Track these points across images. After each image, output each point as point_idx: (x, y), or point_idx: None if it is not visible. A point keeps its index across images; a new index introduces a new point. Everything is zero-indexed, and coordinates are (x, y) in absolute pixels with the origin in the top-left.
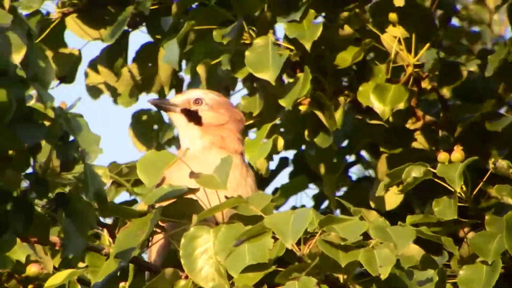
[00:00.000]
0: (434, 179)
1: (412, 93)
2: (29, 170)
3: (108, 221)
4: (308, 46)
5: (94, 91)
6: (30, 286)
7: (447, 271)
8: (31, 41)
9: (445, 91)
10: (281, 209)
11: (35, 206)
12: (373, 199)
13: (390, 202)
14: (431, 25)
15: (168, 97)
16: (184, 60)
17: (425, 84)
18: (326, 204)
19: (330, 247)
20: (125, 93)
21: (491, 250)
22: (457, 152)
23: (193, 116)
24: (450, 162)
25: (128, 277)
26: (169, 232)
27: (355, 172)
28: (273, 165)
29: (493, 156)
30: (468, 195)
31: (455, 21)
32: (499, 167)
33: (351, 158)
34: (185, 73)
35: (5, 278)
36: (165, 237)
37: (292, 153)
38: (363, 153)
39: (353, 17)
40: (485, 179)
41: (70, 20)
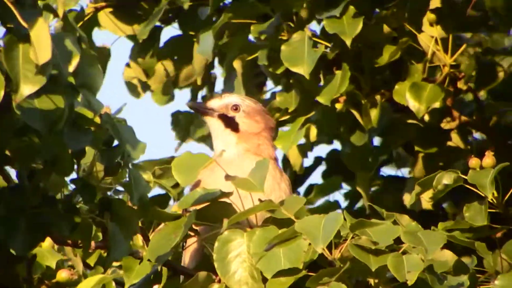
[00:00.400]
0: (465, 185)
1: (448, 93)
2: (74, 175)
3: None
4: (349, 42)
5: (134, 89)
6: None
7: (481, 277)
8: (82, 48)
9: (481, 92)
10: (315, 204)
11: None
12: (407, 198)
13: (424, 202)
14: (468, 26)
15: (199, 95)
16: (217, 57)
17: (461, 85)
18: (359, 203)
19: (361, 251)
20: (158, 90)
21: None
22: (488, 158)
23: (230, 123)
24: (481, 168)
25: (162, 280)
26: (203, 236)
27: (386, 172)
28: (307, 164)
29: None
30: (500, 201)
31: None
32: None
33: (385, 157)
34: (220, 68)
35: (36, 284)
36: (199, 241)
37: (325, 151)
38: (395, 153)
39: (391, 16)
40: None
41: (103, 15)
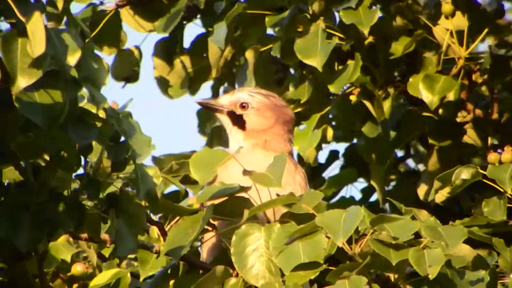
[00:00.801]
0: (484, 180)
1: (463, 86)
2: (80, 171)
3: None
4: (366, 31)
5: (164, 87)
6: (75, 285)
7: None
8: (84, 42)
9: (496, 85)
10: (330, 202)
11: (86, 207)
12: (422, 192)
13: (439, 196)
14: (484, 19)
15: (221, 90)
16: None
17: (476, 78)
18: (374, 198)
19: (382, 246)
20: (177, 85)
21: None
22: (508, 153)
23: (238, 121)
24: (500, 163)
25: (179, 275)
26: (220, 230)
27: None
28: (324, 159)
29: None
30: None
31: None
32: None
33: (401, 153)
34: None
35: (50, 277)
36: (216, 235)
37: (343, 147)
38: (413, 149)
39: (406, 8)
40: None
41: (125, 12)
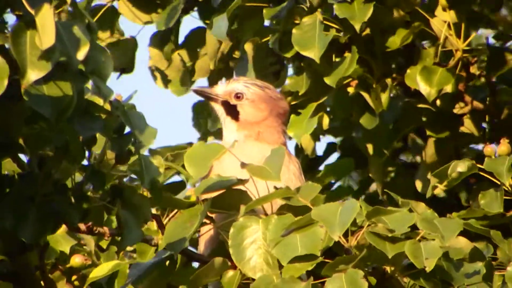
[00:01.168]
0: (480, 173)
1: (460, 78)
2: (84, 162)
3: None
4: (358, 27)
5: (157, 77)
6: (74, 277)
7: (494, 264)
8: (92, 35)
9: (493, 77)
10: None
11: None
12: (419, 184)
13: (437, 189)
14: (482, 11)
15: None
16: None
17: (474, 70)
18: (372, 189)
19: (378, 239)
20: (176, 80)
21: None
22: (503, 146)
23: (231, 111)
24: (497, 156)
25: (176, 267)
26: (218, 223)
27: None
28: (321, 151)
29: None
30: None
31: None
32: None
33: (398, 144)
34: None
35: (49, 269)
36: (214, 228)
37: (340, 139)
38: (410, 140)
39: (403, 1)
40: None
41: (122, 4)
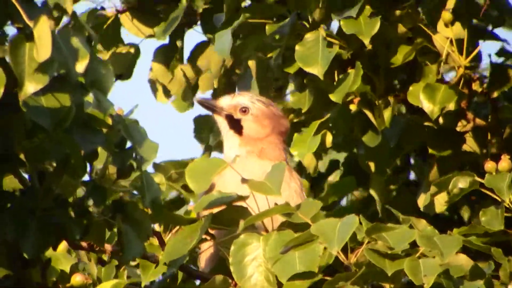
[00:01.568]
0: (481, 189)
1: (463, 95)
2: (86, 177)
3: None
4: (367, 41)
5: (157, 92)
6: None
7: (496, 283)
8: (91, 47)
9: (495, 94)
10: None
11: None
12: (422, 202)
13: (439, 206)
14: (484, 27)
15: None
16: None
17: (476, 86)
18: (373, 208)
19: (377, 256)
20: (178, 96)
21: None
22: (504, 162)
23: (235, 125)
24: (497, 172)
25: (177, 284)
26: (218, 239)
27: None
28: (324, 168)
29: None
30: None
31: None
32: None
33: (401, 163)
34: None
35: None
36: (214, 245)
37: (343, 156)
38: (413, 159)
39: (406, 16)
40: None
41: (125, 17)
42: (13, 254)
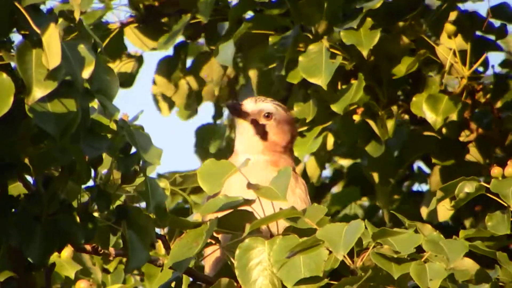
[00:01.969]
0: (487, 194)
1: (466, 105)
2: (90, 183)
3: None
4: (365, 53)
5: (159, 101)
6: None
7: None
8: (97, 54)
9: (499, 104)
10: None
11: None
12: (425, 211)
13: (442, 215)
14: (487, 39)
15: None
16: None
17: (479, 97)
18: (378, 217)
19: (383, 260)
20: (182, 106)
21: None
22: (511, 167)
23: (261, 131)
24: (504, 177)
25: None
26: (224, 244)
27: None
28: (327, 179)
29: None
30: None
31: None
32: None
33: (405, 173)
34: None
35: None
36: (220, 249)
37: (347, 166)
38: (416, 168)
39: (409, 28)
40: None
41: (129, 30)
42: (17, 258)
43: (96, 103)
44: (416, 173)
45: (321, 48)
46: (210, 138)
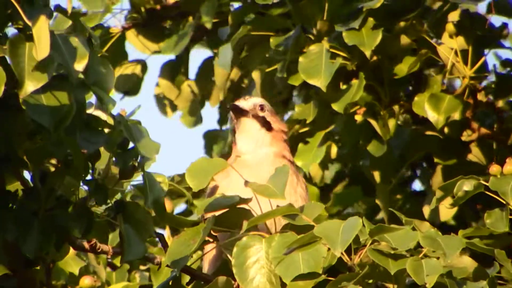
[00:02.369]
0: (486, 192)
1: (468, 105)
2: (88, 177)
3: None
4: (368, 53)
5: (163, 107)
6: None
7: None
8: (92, 48)
9: (501, 103)
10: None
11: (94, 213)
12: (427, 211)
13: (444, 214)
14: (488, 37)
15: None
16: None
17: (481, 97)
18: (378, 217)
19: (380, 256)
20: (185, 111)
21: None
22: (509, 165)
23: (264, 122)
24: (502, 175)
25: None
26: (221, 242)
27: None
28: (329, 179)
29: None
30: None
31: None
32: None
33: (407, 173)
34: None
35: None
36: (217, 247)
37: (348, 167)
38: (418, 169)
39: (410, 28)
40: None
41: (131, 34)
42: (16, 254)
43: (94, 99)
44: (418, 174)
45: (321, 49)
46: (215, 143)
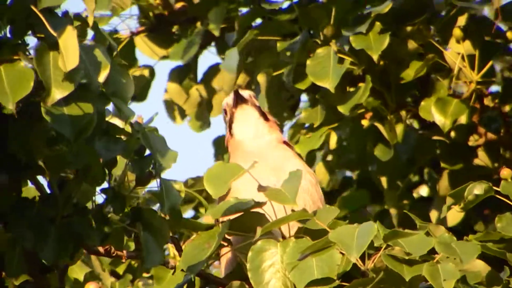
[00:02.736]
0: (496, 196)
1: (474, 109)
2: (105, 185)
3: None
4: (376, 57)
5: (171, 112)
6: None
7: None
8: (112, 57)
9: (507, 108)
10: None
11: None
12: (434, 216)
13: (451, 219)
14: (495, 43)
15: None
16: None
17: (488, 101)
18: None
19: (395, 261)
20: (193, 116)
21: None
22: None
23: (261, 112)
24: None
25: None
26: (235, 246)
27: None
28: (337, 185)
29: None
30: None
31: None
32: None
33: (415, 178)
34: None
35: None
36: (232, 250)
37: (355, 174)
38: (426, 174)
39: (417, 32)
40: None
41: (139, 39)
42: (33, 260)
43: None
44: (426, 178)
45: (329, 52)
46: (222, 148)
